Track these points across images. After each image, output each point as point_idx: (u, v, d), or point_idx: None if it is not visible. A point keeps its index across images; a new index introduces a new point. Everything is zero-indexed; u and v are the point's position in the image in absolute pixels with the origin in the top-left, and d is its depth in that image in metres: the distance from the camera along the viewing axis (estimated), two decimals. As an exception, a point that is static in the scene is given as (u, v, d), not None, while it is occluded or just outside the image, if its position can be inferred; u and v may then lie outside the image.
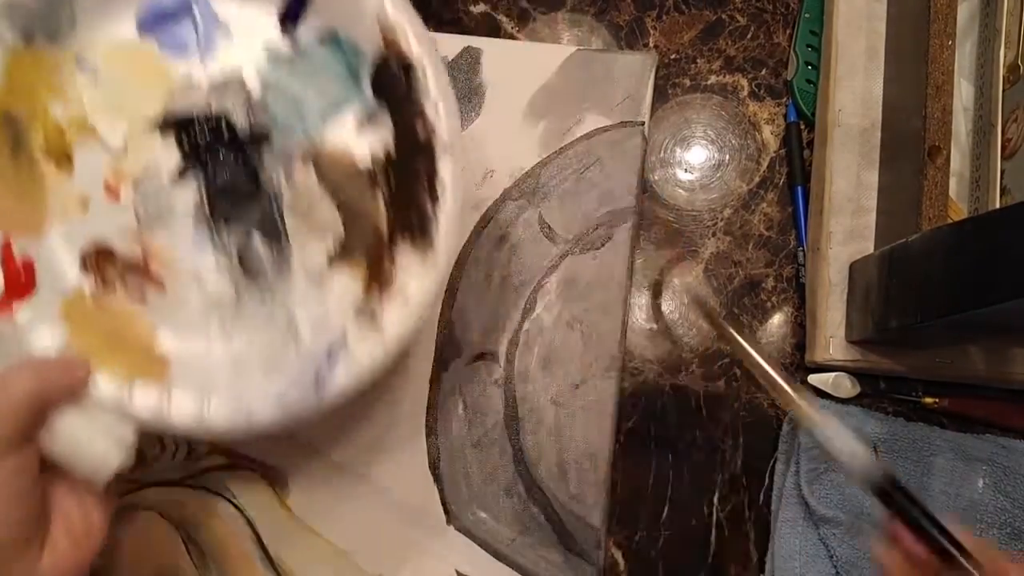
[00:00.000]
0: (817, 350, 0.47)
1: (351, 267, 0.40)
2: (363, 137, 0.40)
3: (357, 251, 0.40)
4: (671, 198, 0.53)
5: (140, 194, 0.40)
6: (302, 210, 0.40)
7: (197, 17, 0.41)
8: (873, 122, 0.49)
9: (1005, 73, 0.46)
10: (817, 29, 0.53)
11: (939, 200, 0.43)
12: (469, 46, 0.53)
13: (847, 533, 0.45)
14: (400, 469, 0.48)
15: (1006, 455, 0.46)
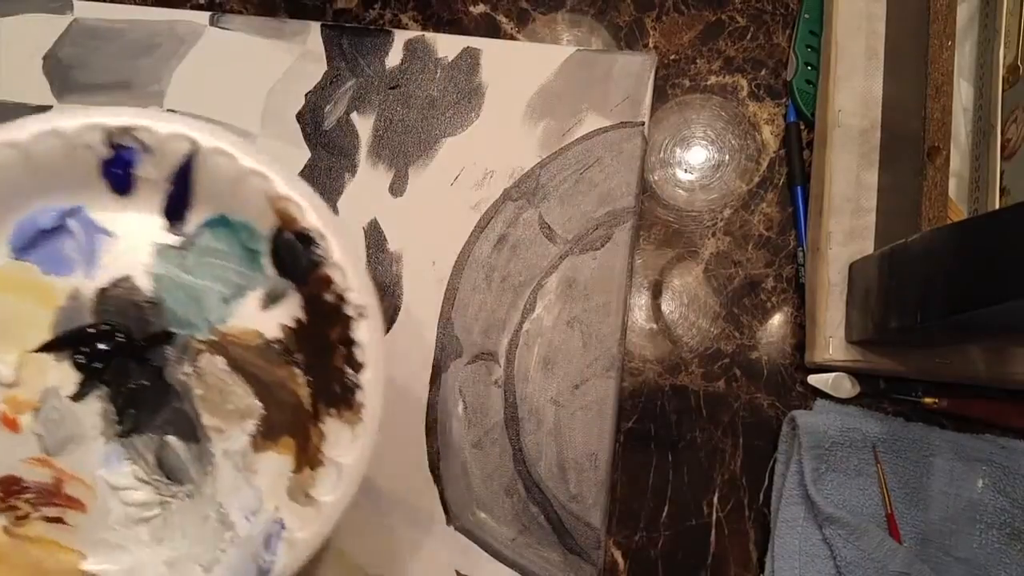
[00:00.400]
0: (817, 350, 0.47)
1: (278, 447, 0.39)
2: (270, 313, 0.40)
3: (281, 429, 0.39)
4: (671, 198, 0.53)
5: (41, 420, 0.39)
6: (215, 400, 0.39)
7: (76, 230, 0.40)
8: (873, 123, 0.49)
9: (1005, 74, 0.46)
10: (817, 30, 0.53)
11: (939, 200, 0.44)
12: (469, 46, 0.53)
13: (851, 534, 0.45)
14: (400, 469, 0.48)
15: (1006, 455, 0.46)
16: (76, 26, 0.55)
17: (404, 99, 0.53)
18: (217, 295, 0.40)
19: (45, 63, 0.54)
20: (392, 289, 0.50)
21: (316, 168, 0.52)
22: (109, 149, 0.39)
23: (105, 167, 0.39)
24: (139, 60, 0.54)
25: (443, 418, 0.49)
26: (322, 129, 0.53)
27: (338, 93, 0.53)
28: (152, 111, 0.40)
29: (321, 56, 0.54)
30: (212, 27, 0.54)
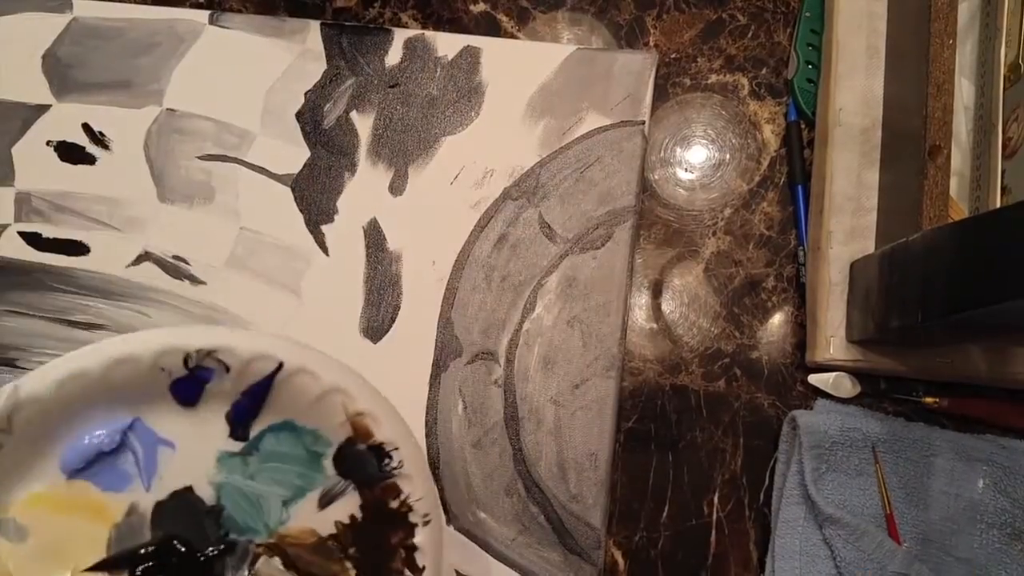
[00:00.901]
0: (817, 350, 0.47)
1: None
2: (327, 512, 0.39)
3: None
4: (671, 198, 0.53)
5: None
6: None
7: (136, 446, 0.38)
8: (874, 121, 0.49)
9: (1006, 72, 0.46)
10: (818, 28, 0.53)
11: (940, 200, 0.43)
12: (469, 45, 0.53)
13: (851, 534, 0.45)
14: (400, 469, 0.48)
15: (1006, 455, 0.46)
16: (75, 25, 0.55)
17: (404, 98, 0.53)
18: (277, 499, 0.39)
19: (44, 62, 0.54)
20: (392, 289, 0.50)
21: (315, 167, 0.52)
22: (186, 370, 0.37)
23: (176, 384, 0.38)
24: (139, 59, 0.54)
25: (443, 418, 0.49)
26: (321, 128, 0.53)
27: (338, 92, 0.53)
28: (232, 332, 0.38)
29: (321, 55, 0.54)
30: (211, 26, 0.54)
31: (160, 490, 0.39)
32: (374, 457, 0.38)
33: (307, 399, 0.38)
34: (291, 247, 0.51)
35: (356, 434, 0.38)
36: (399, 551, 0.38)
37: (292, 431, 0.39)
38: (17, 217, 0.52)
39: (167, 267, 0.51)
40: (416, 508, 0.38)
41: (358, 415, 0.38)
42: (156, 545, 0.38)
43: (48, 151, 0.53)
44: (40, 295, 0.51)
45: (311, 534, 0.39)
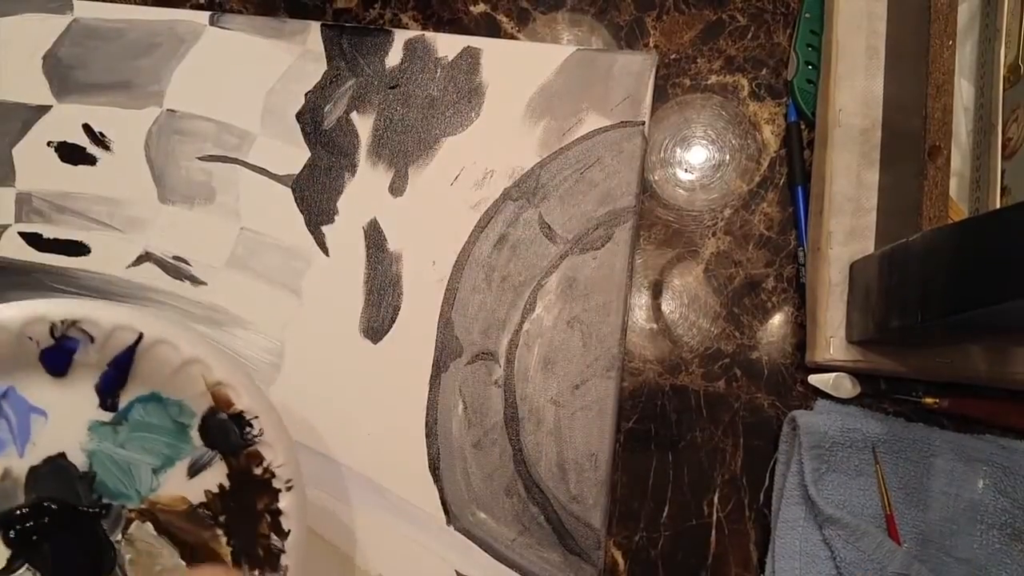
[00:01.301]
0: (817, 350, 0.47)
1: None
2: (196, 481, 0.42)
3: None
4: (671, 198, 0.53)
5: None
6: (144, 563, 0.41)
7: (8, 414, 0.40)
8: (873, 122, 0.49)
9: (1005, 73, 0.46)
10: (817, 29, 0.53)
11: (939, 200, 0.43)
12: (469, 46, 0.53)
13: (851, 535, 0.45)
14: (400, 469, 0.48)
15: (1006, 455, 0.46)
16: (76, 26, 0.55)
17: (404, 99, 0.53)
18: (147, 467, 0.42)
19: (45, 63, 0.54)
20: (392, 289, 0.50)
21: (316, 168, 0.52)
22: (52, 339, 0.40)
23: (44, 353, 0.40)
24: (139, 60, 0.54)
25: (443, 418, 0.49)
26: (322, 129, 0.53)
27: (338, 93, 0.53)
28: (94, 303, 0.40)
29: (321, 56, 0.54)
30: (212, 27, 0.54)
31: (33, 456, 0.41)
32: (236, 426, 0.40)
33: (168, 370, 0.40)
34: (291, 247, 0.51)
35: (217, 403, 0.40)
36: (265, 516, 0.40)
37: (159, 402, 0.42)
38: (18, 217, 0.53)
39: (168, 268, 0.52)
40: (279, 474, 0.40)
41: (217, 385, 0.40)
42: (30, 507, 0.40)
43: (49, 152, 0.53)
44: (40, 295, 0.51)
45: (182, 501, 0.42)
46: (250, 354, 0.50)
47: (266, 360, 0.50)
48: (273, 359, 0.50)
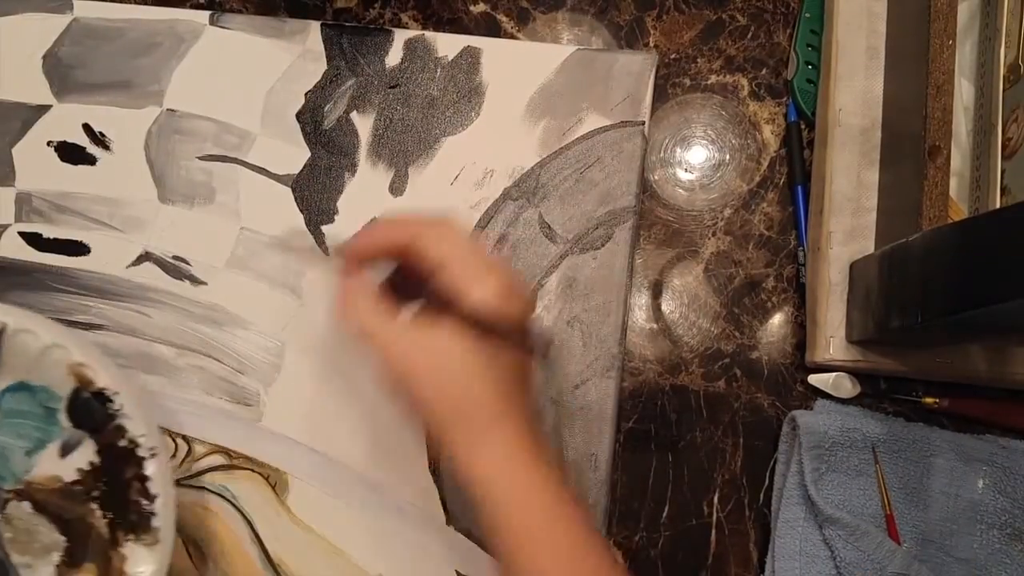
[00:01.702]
0: (817, 350, 0.47)
1: (81, 573, 0.44)
2: (69, 460, 0.45)
3: (83, 558, 0.44)
4: (671, 198, 0.53)
5: None
6: (23, 540, 0.44)
7: None
8: (873, 122, 0.49)
9: (1005, 73, 0.46)
10: (817, 29, 0.53)
11: (939, 200, 0.43)
12: (469, 46, 0.53)
13: (851, 535, 0.45)
14: (400, 469, 0.48)
15: (1006, 455, 0.46)
16: (76, 25, 0.55)
17: (404, 98, 0.53)
18: (21, 450, 0.45)
19: (45, 62, 0.54)
20: (392, 289, 0.50)
21: (316, 167, 0.52)
22: None
23: None
24: (139, 59, 0.54)
25: (443, 418, 0.48)
26: (322, 128, 0.53)
27: (338, 92, 0.53)
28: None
29: (321, 55, 0.54)
30: (212, 26, 0.54)
31: None
32: (98, 403, 0.44)
33: (32, 357, 0.44)
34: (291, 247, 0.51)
35: (79, 383, 0.44)
36: (134, 484, 0.44)
37: (27, 390, 0.45)
38: (18, 217, 0.52)
39: (167, 267, 0.52)
40: (142, 443, 0.44)
41: (78, 365, 0.44)
42: None
43: (49, 151, 0.53)
44: (40, 295, 0.51)
45: (56, 480, 0.45)
46: (250, 354, 0.50)
47: (266, 360, 0.50)
48: (273, 359, 0.50)
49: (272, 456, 0.49)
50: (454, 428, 0.38)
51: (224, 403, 0.50)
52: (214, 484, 0.49)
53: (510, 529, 0.37)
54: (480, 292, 0.38)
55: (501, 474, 0.38)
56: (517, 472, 0.38)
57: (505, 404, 0.38)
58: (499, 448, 0.38)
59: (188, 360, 0.50)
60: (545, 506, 0.38)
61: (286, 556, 0.47)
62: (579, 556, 0.38)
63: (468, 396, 0.38)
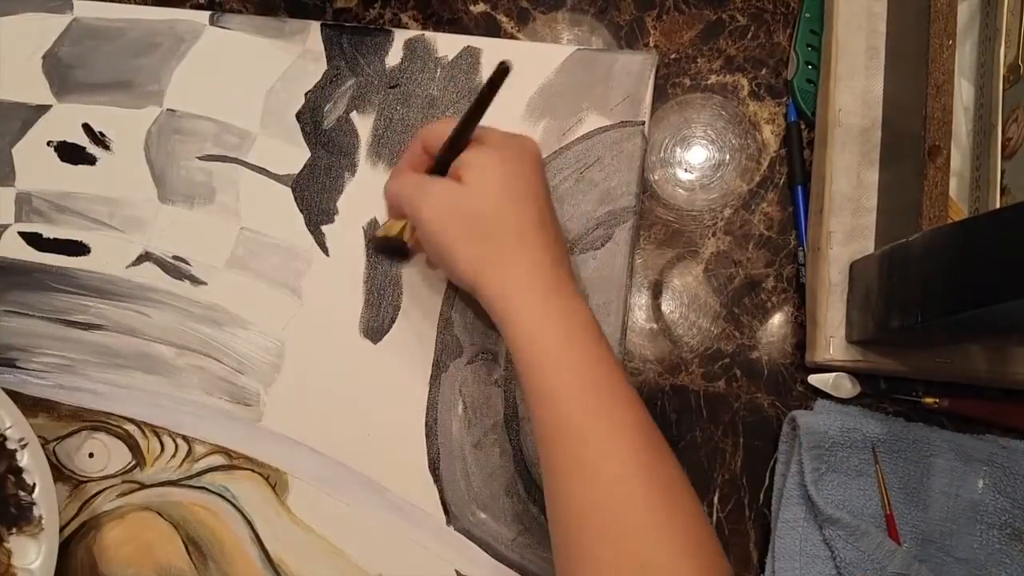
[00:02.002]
0: (817, 350, 0.47)
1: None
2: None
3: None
4: (671, 198, 0.53)
5: None
6: None
7: None
8: (873, 122, 0.49)
9: (1005, 73, 0.46)
10: (817, 29, 0.53)
11: (939, 200, 0.43)
12: (469, 46, 0.53)
13: (851, 535, 0.45)
14: (400, 469, 0.48)
15: (1006, 455, 0.46)
16: (76, 25, 0.55)
17: (404, 98, 0.53)
18: None
19: (45, 62, 0.54)
20: (392, 289, 0.50)
21: (316, 167, 0.52)
22: None
23: None
24: (139, 59, 0.54)
25: (443, 418, 0.49)
26: (322, 128, 0.53)
27: (338, 92, 0.53)
28: None
29: (321, 55, 0.54)
30: (212, 26, 0.54)
31: None
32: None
33: None
34: (291, 247, 0.51)
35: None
36: (9, 477, 0.45)
37: None
38: (18, 217, 0.52)
39: (168, 267, 0.52)
40: (10, 435, 0.45)
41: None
42: None
43: (49, 151, 0.53)
44: (40, 295, 0.51)
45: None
46: (250, 354, 0.50)
47: (266, 360, 0.50)
48: (273, 359, 0.50)
49: (272, 456, 0.49)
50: (481, 251, 0.42)
51: (224, 403, 0.50)
52: (214, 484, 0.49)
53: (527, 346, 0.40)
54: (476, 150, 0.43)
55: (519, 291, 0.41)
56: (535, 292, 0.41)
57: (530, 230, 0.42)
58: (522, 268, 0.41)
59: (188, 360, 0.50)
60: (560, 329, 0.40)
61: (286, 556, 0.47)
62: (593, 377, 0.39)
63: (494, 221, 0.42)
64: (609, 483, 0.37)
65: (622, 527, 0.36)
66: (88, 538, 0.48)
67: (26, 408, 0.50)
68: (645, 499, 0.36)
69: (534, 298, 0.41)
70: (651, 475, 0.37)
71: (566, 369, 0.39)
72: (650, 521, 0.36)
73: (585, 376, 0.39)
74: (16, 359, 0.51)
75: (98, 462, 0.49)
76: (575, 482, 0.37)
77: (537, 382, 0.39)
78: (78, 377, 0.50)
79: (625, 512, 0.36)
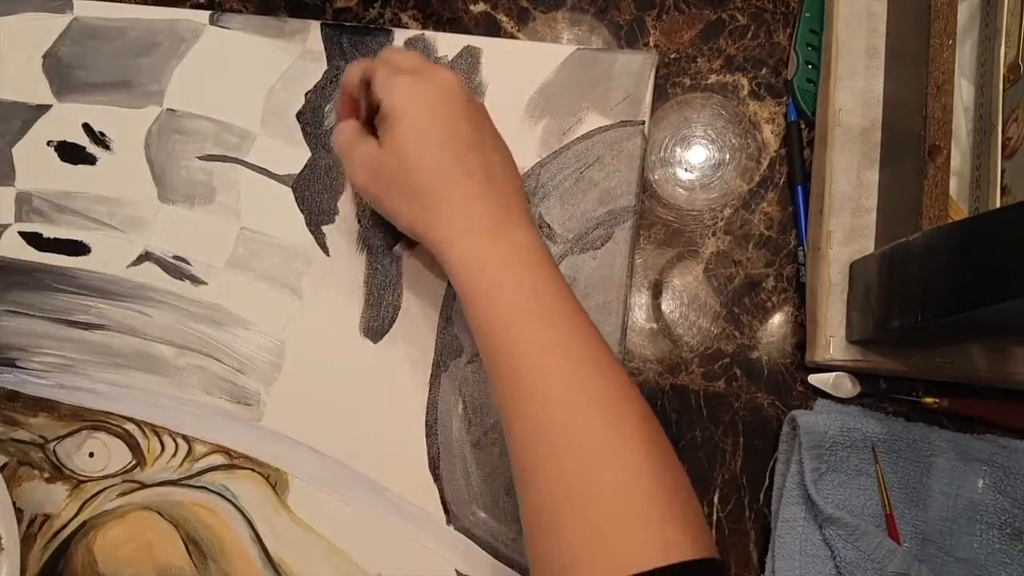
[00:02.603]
0: (817, 350, 0.47)
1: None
2: None
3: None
4: (671, 198, 0.53)
5: None
6: None
7: None
8: (873, 122, 0.49)
9: (1005, 72, 0.46)
10: (817, 28, 0.53)
11: (939, 200, 0.43)
12: (469, 46, 0.53)
13: (851, 535, 0.45)
14: (400, 469, 0.48)
15: (1006, 455, 0.46)
16: (76, 25, 0.55)
17: (404, 98, 0.53)
18: None
19: (45, 62, 0.54)
20: (392, 289, 0.50)
21: (316, 167, 0.52)
22: None
23: None
24: (139, 59, 0.54)
25: (443, 418, 0.49)
26: (322, 128, 0.53)
27: (338, 92, 0.53)
28: None
29: (321, 55, 0.54)
30: (212, 26, 0.54)
31: None
32: None
33: None
34: (291, 247, 0.51)
35: None
36: None
37: None
38: (18, 217, 0.53)
39: (168, 267, 0.52)
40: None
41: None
42: None
43: (49, 151, 0.53)
44: (40, 295, 0.51)
45: None
46: (250, 354, 0.50)
47: (266, 360, 0.50)
48: (273, 359, 0.50)
49: (272, 456, 0.49)
50: (413, 207, 0.42)
51: (224, 403, 0.50)
52: (214, 484, 0.49)
53: (471, 283, 0.40)
54: (389, 98, 0.42)
55: (457, 235, 0.41)
56: (474, 233, 0.41)
57: (457, 174, 0.42)
58: (457, 212, 0.41)
59: (188, 360, 0.50)
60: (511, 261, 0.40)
61: (286, 556, 0.47)
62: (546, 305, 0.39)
63: (417, 178, 0.42)
64: (566, 410, 0.36)
65: (576, 450, 0.36)
66: (88, 538, 0.48)
67: (26, 408, 0.50)
68: (601, 423, 0.36)
69: (474, 240, 0.41)
70: (603, 400, 0.37)
71: (514, 298, 0.39)
72: (604, 442, 0.36)
73: (539, 306, 0.39)
74: (16, 359, 0.51)
75: (98, 462, 0.49)
76: (529, 408, 0.37)
77: (483, 313, 0.39)
78: (78, 377, 0.50)
79: (579, 435, 0.36)
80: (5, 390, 0.50)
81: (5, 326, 0.51)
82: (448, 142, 0.42)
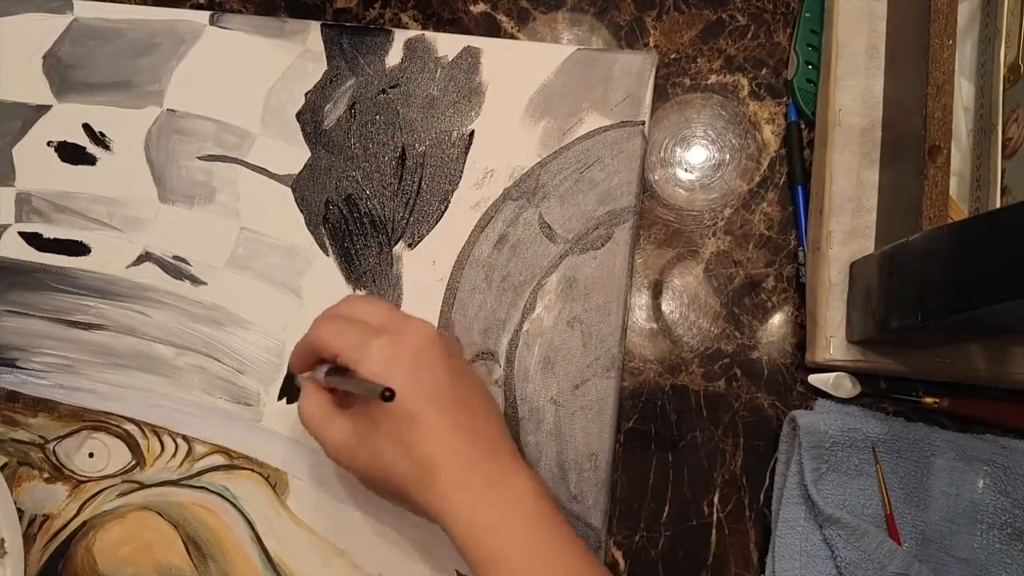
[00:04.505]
0: (817, 350, 0.47)
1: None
2: None
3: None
4: (671, 198, 0.53)
5: None
6: None
7: None
8: (873, 122, 0.49)
9: (1005, 73, 0.46)
10: (817, 28, 0.53)
11: (939, 200, 0.43)
12: (469, 46, 0.53)
13: (852, 535, 0.45)
14: (400, 469, 0.48)
15: (1006, 455, 0.46)
16: (76, 25, 0.55)
17: (404, 98, 0.53)
18: None
19: (45, 62, 0.54)
20: (392, 289, 0.50)
21: (316, 167, 0.52)
22: None
23: None
24: (139, 59, 0.54)
25: (443, 418, 0.48)
26: (322, 128, 0.53)
27: (338, 92, 0.53)
28: None
29: (321, 55, 0.54)
30: (212, 26, 0.54)
31: None
32: None
33: None
34: (291, 247, 0.51)
35: None
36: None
37: None
38: (18, 217, 0.53)
39: (168, 267, 0.52)
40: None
41: None
42: None
43: (49, 151, 0.53)
44: (40, 295, 0.51)
45: None
46: (250, 354, 0.50)
47: (266, 360, 0.50)
48: (273, 359, 0.50)
49: (272, 456, 0.49)
50: (389, 490, 0.41)
51: (224, 403, 0.50)
52: (214, 484, 0.49)
53: (474, 549, 0.38)
54: (366, 365, 0.39)
55: (448, 504, 0.38)
56: (466, 501, 0.38)
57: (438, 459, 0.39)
58: (444, 480, 0.38)
59: (188, 360, 0.50)
60: (511, 525, 0.38)
61: (286, 556, 0.47)
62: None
63: (390, 473, 0.39)
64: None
65: None
66: (88, 538, 0.48)
67: (26, 408, 0.50)
68: None
69: (467, 506, 0.38)
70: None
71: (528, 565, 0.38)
72: None
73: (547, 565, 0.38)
74: (16, 359, 0.51)
75: (98, 462, 0.49)
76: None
77: None
78: (78, 377, 0.50)
79: None
80: (5, 390, 0.50)
81: (5, 326, 0.51)
82: (433, 406, 0.39)
